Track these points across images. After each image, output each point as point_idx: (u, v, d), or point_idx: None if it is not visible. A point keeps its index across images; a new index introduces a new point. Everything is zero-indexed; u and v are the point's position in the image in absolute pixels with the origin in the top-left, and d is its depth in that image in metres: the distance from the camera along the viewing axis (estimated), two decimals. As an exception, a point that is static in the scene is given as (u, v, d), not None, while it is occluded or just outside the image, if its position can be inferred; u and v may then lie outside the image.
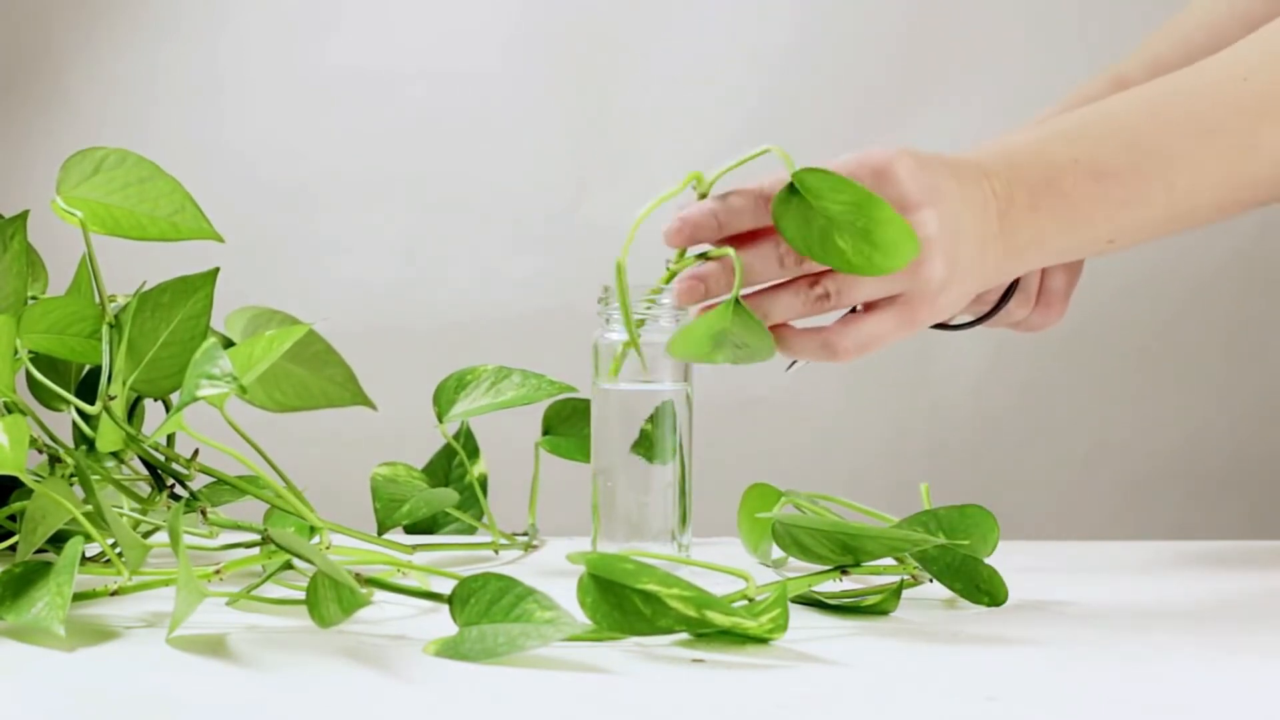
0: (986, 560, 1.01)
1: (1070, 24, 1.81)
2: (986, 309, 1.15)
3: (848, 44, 1.81)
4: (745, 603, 0.90)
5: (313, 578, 0.89)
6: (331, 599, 0.88)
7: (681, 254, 1.00)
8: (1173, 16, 1.31)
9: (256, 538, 1.01)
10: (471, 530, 1.21)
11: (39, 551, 1.09)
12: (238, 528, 1.03)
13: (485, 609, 0.86)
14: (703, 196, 0.98)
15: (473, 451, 1.21)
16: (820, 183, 0.96)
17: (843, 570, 0.99)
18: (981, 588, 0.99)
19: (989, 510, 1.03)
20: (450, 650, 0.86)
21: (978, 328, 1.17)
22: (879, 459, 1.77)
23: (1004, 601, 0.99)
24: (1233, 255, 1.82)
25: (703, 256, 0.99)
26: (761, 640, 0.88)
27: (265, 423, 1.16)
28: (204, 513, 1.02)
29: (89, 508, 0.97)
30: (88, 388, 1.14)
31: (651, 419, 1.03)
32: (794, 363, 1.09)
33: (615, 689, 0.82)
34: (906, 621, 0.96)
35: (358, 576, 0.91)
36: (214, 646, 0.89)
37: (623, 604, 0.87)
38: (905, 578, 1.00)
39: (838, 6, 1.81)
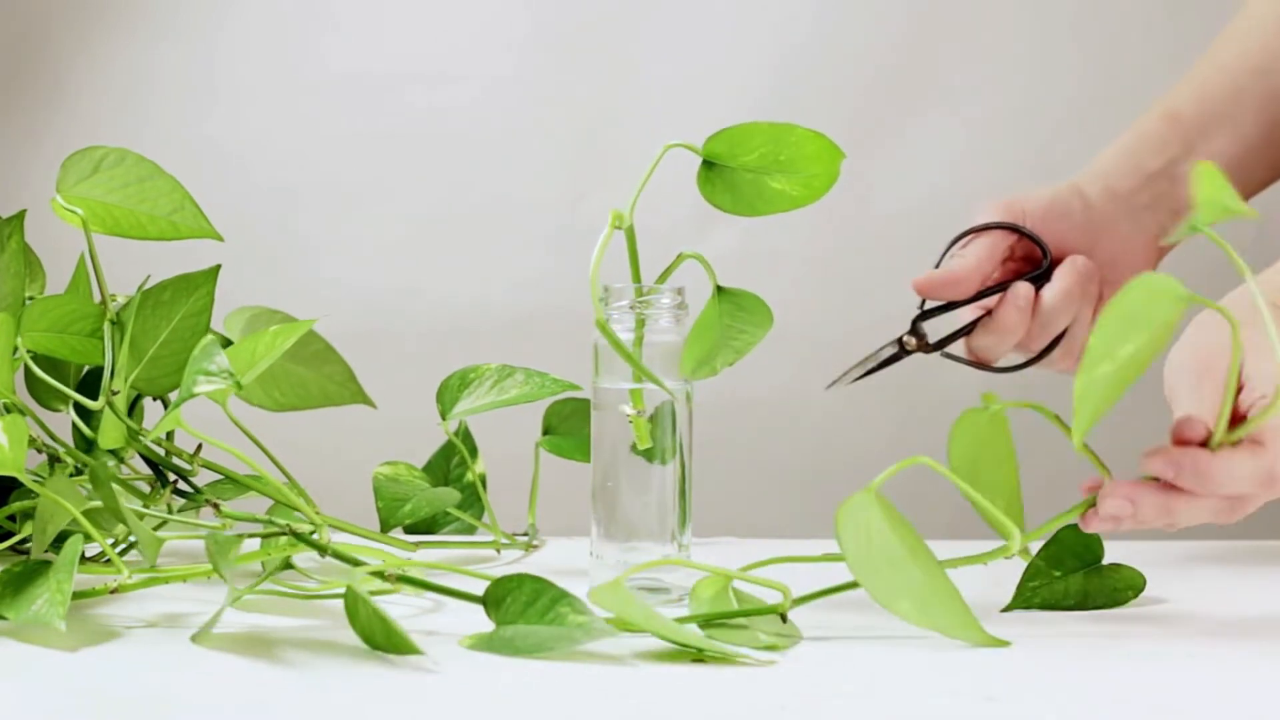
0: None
1: (1070, 23, 1.81)
2: (1031, 355, 1.16)
3: (848, 48, 1.81)
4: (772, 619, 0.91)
5: (356, 604, 0.88)
6: (380, 636, 0.87)
7: (677, 261, 1.01)
8: (1213, 42, 1.31)
9: (256, 540, 1.00)
10: (471, 530, 1.21)
11: (38, 551, 1.09)
12: (253, 520, 1.02)
13: (522, 610, 0.88)
14: (620, 228, 1.00)
15: (471, 451, 1.21)
16: (728, 143, 0.99)
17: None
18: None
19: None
20: (485, 645, 0.87)
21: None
22: (879, 459, 1.77)
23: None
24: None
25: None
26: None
27: (266, 421, 1.16)
28: (216, 506, 1.02)
29: (96, 503, 0.97)
30: (86, 389, 1.14)
31: (651, 419, 1.03)
32: (835, 381, 1.10)
33: (615, 688, 0.82)
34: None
35: (385, 575, 0.92)
36: (215, 646, 0.89)
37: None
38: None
39: (839, 10, 1.81)
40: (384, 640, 0.86)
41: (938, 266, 1.13)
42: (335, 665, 0.85)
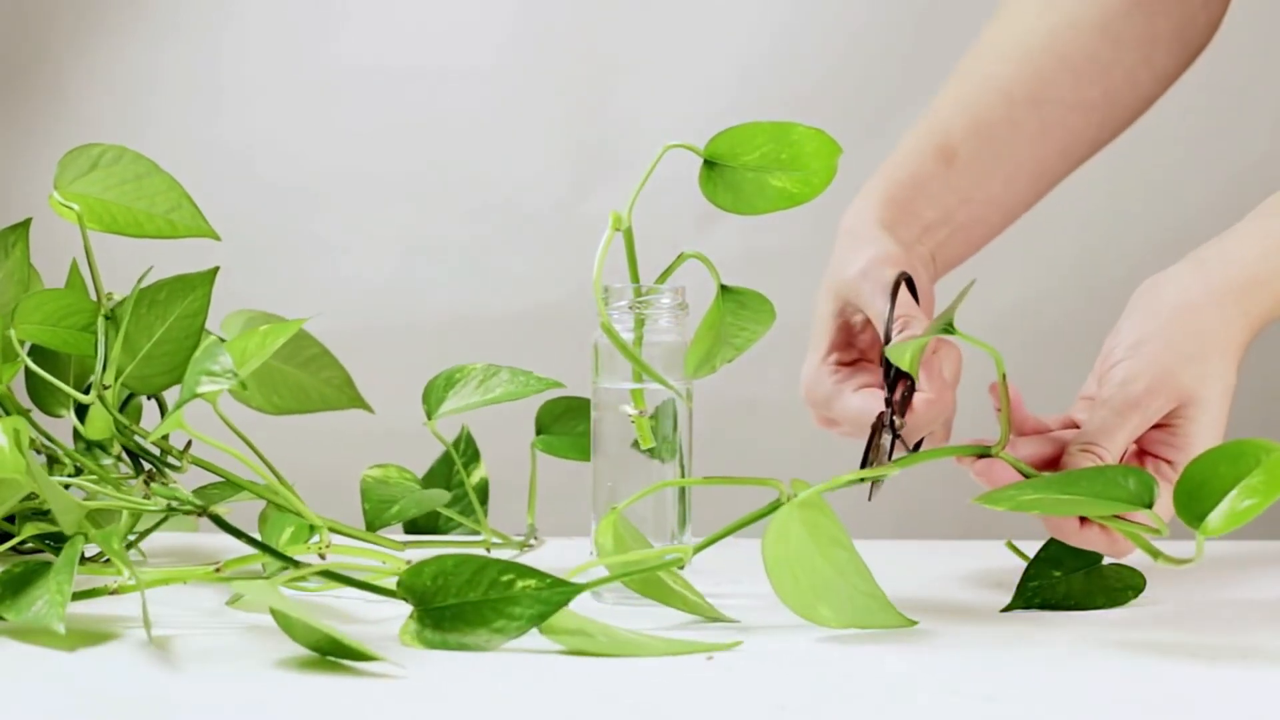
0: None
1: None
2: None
3: (846, 41, 1.81)
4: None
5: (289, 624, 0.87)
6: (326, 646, 0.87)
7: (678, 260, 1.01)
8: (981, 45, 1.21)
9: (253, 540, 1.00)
10: (475, 533, 1.21)
11: (38, 552, 1.09)
12: (175, 498, 1.01)
13: (459, 590, 0.87)
14: (620, 230, 0.99)
15: (473, 457, 1.20)
16: (729, 144, 1.00)
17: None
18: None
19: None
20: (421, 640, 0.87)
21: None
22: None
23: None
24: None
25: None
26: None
27: (261, 423, 1.16)
28: (147, 481, 1.02)
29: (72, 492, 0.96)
30: (85, 393, 1.14)
31: (653, 417, 1.03)
32: (872, 494, 1.08)
33: (615, 688, 0.82)
34: (906, 621, 0.96)
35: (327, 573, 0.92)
36: (214, 646, 0.89)
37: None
38: None
39: (838, 7, 1.81)
40: (332, 649, 0.85)
41: (892, 323, 1.04)
42: (335, 664, 0.85)
